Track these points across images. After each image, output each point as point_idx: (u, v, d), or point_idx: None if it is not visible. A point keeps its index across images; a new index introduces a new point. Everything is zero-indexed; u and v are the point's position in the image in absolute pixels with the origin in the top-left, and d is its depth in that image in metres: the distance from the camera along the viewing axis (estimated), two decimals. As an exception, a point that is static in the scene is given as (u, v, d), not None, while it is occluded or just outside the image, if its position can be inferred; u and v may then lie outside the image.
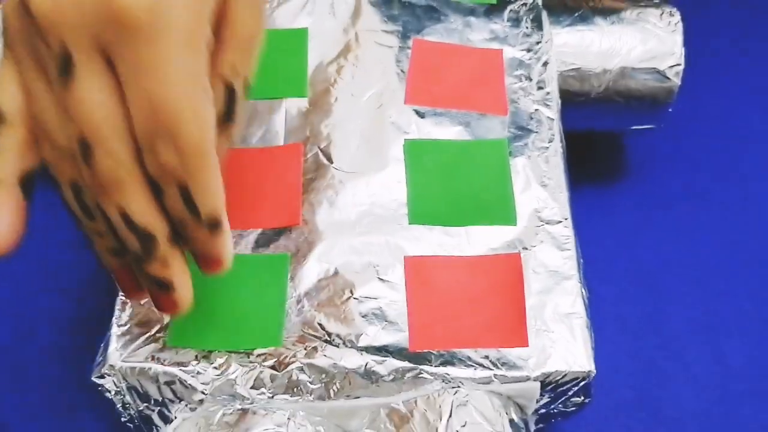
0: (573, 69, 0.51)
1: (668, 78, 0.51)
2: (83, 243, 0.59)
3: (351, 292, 0.41)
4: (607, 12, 0.52)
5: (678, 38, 0.51)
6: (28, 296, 0.54)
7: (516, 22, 0.51)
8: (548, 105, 0.47)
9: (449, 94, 0.48)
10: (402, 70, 0.48)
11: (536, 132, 0.46)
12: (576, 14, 0.52)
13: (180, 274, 0.32)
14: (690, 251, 0.56)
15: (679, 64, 0.51)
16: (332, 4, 0.51)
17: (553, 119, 0.47)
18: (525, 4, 0.51)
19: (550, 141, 0.46)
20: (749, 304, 0.54)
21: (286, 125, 0.47)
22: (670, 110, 0.52)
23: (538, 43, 0.50)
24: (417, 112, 0.47)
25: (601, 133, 0.57)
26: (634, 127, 0.54)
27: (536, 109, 0.47)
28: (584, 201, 0.57)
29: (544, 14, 0.51)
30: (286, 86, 0.48)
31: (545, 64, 0.49)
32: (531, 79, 0.49)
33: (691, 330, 0.53)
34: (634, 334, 0.52)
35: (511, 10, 0.51)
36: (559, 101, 0.48)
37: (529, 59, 0.49)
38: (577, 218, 0.51)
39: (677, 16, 0.52)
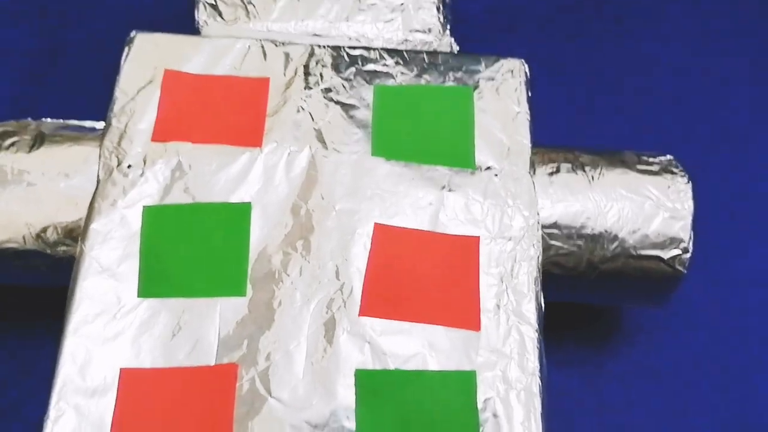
0: (562, 254, 0.44)
1: (672, 267, 0.44)
2: None
3: None
4: (606, 181, 0.44)
5: (687, 221, 0.44)
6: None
7: (498, 198, 0.43)
8: (528, 321, 0.40)
9: (413, 302, 0.41)
10: (358, 268, 0.41)
11: (512, 358, 0.39)
12: (570, 183, 0.44)
13: None
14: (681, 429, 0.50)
15: (687, 252, 0.44)
16: (280, 171, 0.43)
17: (533, 339, 0.40)
18: (510, 174, 0.44)
19: (529, 372, 0.39)
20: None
21: (219, 335, 0.40)
22: (671, 295, 0.46)
23: (522, 229, 0.43)
24: (373, 328, 0.40)
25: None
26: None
27: (513, 326, 0.40)
28: (571, 370, 0.51)
29: (532, 188, 0.44)
30: (223, 282, 0.41)
31: (528, 259, 0.42)
32: (511, 280, 0.42)
33: None
34: None
35: (493, 182, 0.44)
36: (543, 311, 0.41)
37: (510, 251, 0.42)
38: (564, 391, 0.46)
39: (688, 190, 0.44)
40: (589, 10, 0.67)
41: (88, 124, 0.47)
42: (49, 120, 0.47)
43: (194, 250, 0.42)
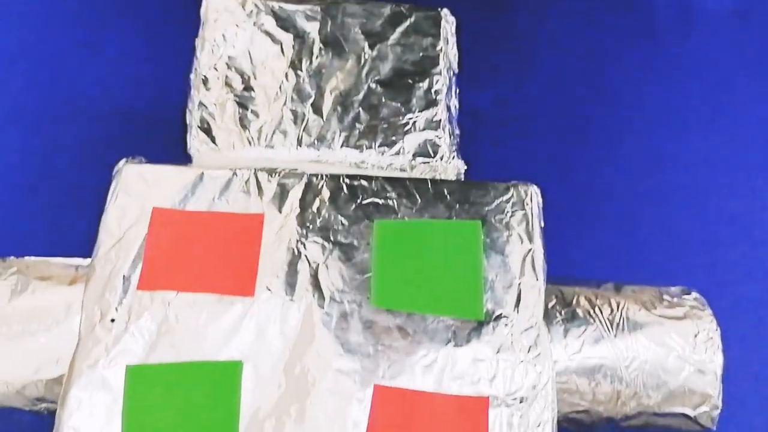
0: (579, 411, 0.40)
1: (700, 424, 0.41)
2: None
3: None
4: (626, 329, 0.41)
5: (716, 374, 0.40)
6: None
7: (509, 352, 0.40)
8: (542, 499, 0.37)
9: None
10: (357, 438, 0.38)
11: None
12: (587, 332, 0.41)
13: None
14: None
15: (716, 408, 0.40)
16: (274, 324, 0.40)
17: None
18: (522, 324, 0.41)
19: None
20: None
21: None
22: (699, 450, 0.42)
23: (535, 387, 0.39)
24: None
25: None
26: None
27: (526, 504, 0.37)
28: None
29: (546, 339, 0.40)
30: (210, 452, 0.38)
31: (542, 424, 0.38)
32: (522, 449, 0.38)
33: None
34: None
35: (503, 334, 0.40)
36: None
37: (523, 415, 0.39)
38: None
39: (716, 338, 0.41)
40: (603, 103, 0.64)
41: (74, 261, 0.45)
42: (32, 258, 0.45)
43: (181, 415, 0.38)
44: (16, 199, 0.55)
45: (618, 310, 0.42)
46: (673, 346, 0.40)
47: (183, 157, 0.48)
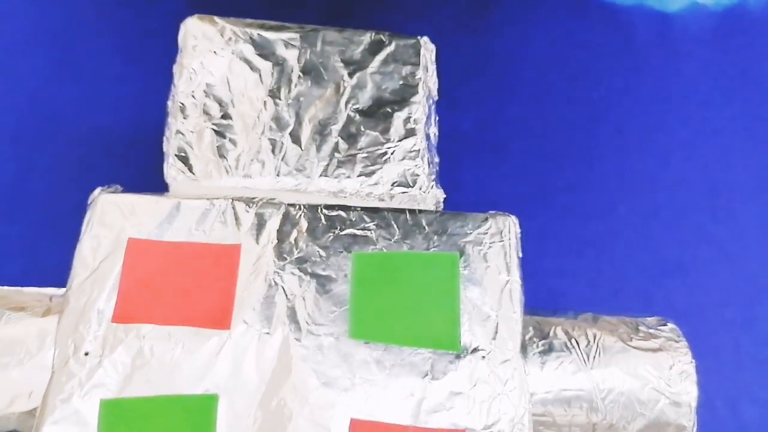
0: (554, 444, 0.41)
1: (676, 456, 0.41)
2: None
3: None
4: (601, 362, 0.41)
5: (690, 406, 0.40)
6: None
7: (485, 385, 0.39)
8: None
9: None
10: (334, 472, 0.38)
11: None
12: (563, 365, 0.41)
13: None
14: None
15: (690, 440, 0.41)
16: (250, 358, 0.40)
17: None
18: (499, 357, 0.40)
19: None
20: None
21: None
22: (675, 481, 0.43)
23: (511, 420, 0.39)
24: None
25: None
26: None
27: None
28: None
29: (523, 372, 0.40)
30: (184, 489, 0.38)
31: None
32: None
33: None
34: None
35: (480, 367, 0.40)
36: None
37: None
38: None
39: (691, 370, 0.41)
40: (584, 126, 0.64)
41: (49, 291, 0.44)
42: (5, 288, 0.44)
43: (154, 451, 0.39)
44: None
45: (594, 341, 0.42)
46: (649, 378, 0.41)
47: (163, 182, 0.48)
